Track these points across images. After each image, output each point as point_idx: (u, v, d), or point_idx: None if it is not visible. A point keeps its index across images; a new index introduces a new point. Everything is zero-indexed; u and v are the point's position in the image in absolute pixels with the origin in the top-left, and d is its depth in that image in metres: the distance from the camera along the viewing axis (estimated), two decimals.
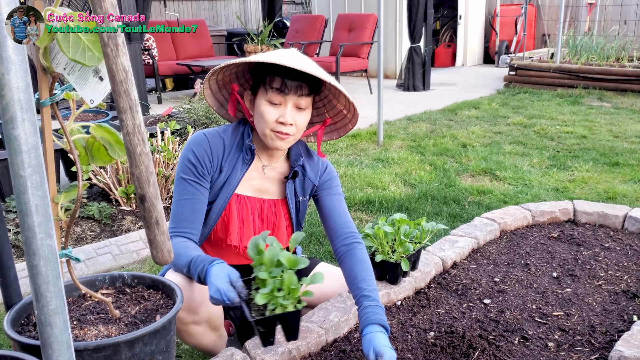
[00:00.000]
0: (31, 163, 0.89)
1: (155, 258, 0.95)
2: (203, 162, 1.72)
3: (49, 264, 0.94)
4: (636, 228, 2.60)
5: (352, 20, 8.63)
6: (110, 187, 3.38)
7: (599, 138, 5.34)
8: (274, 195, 1.85)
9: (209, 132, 1.77)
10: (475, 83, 9.19)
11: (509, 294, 2.06)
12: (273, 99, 1.65)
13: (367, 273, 1.68)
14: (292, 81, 1.62)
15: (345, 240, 1.76)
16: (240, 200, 1.80)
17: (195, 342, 1.73)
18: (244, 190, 1.80)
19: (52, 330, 0.97)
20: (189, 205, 1.71)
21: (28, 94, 0.88)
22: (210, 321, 1.71)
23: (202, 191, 1.73)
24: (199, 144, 1.74)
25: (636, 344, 1.62)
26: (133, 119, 0.85)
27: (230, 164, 1.76)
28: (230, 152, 1.76)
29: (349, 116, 1.83)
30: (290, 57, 1.62)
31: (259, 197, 1.83)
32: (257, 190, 1.83)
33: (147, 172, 0.89)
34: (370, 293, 1.61)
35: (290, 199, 1.84)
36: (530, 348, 1.73)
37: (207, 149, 1.73)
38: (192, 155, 1.72)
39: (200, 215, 1.73)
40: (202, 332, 1.71)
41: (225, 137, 1.77)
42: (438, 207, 3.62)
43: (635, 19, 10.50)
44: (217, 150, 1.74)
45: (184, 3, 10.71)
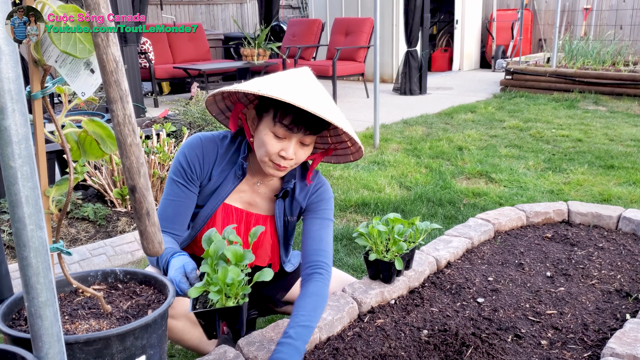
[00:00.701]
0: (21, 154, 0.89)
1: (146, 249, 0.95)
2: (193, 166, 1.70)
3: (39, 256, 0.94)
4: (630, 228, 2.61)
5: (349, 24, 8.66)
6: (105, 188, 3.37)
7: (594, 141, 5.36)
8: (263, 211, 1.81)
9: (205, 137, 1.73)
10: (472, 87, 9.22)
11: (502, 293, 2.06)
12: (279, 132, 1.56)
13: (308, 308, 1.59)
14: (302, 120, 1.53)
15: (308, 269, 1.69)
16: (228, 210, 1.77)
17: (177, 337, 1.72)
18: (233, 200, 1.77)
19: (42, 323, 0.97)
20: (173, 206, 1.70)
21: (18, 85, 0.88)
22: (189, 316, 1.69)
23: (190, 195, 1.72)
24: (192, 148, 1.71)
25: (628, 341, 1.63)
26: (123, 109, 0.86)
27: (222, 174, 1.73)
28: (223, 162, 1.73)
29: (352, 149, 1.76)
30: (307, 95, 1.50)
31: (247, 211, 1.79)
32: (246, 203, 1.79)
33: (138, 163, 0.89)
34: (294, 330, 1.52)
35: (279, 217, 1.80)
36: (523, 346, 1.73)
37: (199, 154, 1.70)
38: (183, 159, 1.70)
39: (184, 218, 1.72)
40: (182, 327, 1.70)
41: (221, 145, 1.73)
42: (433, 209, 3.63)
43: (631, 24, 10.56)
44: (210, 156, 1.71)
45: (180, 6, 10.73)
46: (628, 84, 7.43)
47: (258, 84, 1.51)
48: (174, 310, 1.66)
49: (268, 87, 1.48)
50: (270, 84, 1.51)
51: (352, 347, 1.71)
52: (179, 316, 1.68)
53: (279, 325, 1.75)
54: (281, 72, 1.66)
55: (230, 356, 1.61)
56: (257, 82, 1.54)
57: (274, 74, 1.64)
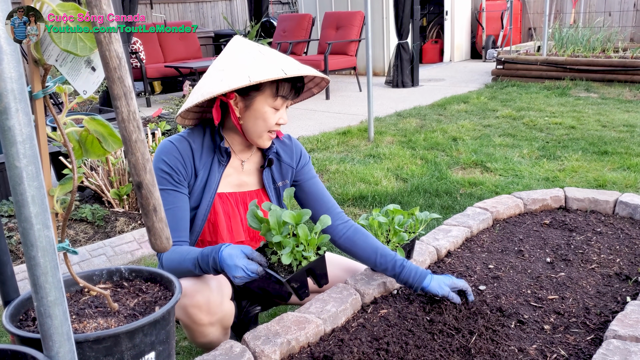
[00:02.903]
0: (26, 154, 0.89)
1: (154, 245, 0.95)
2: (177, 169, 1.70)
3: (47, 255, 0.94)
4: (627, 212, 2.63)
5: (339, 18, 8.65)
6: (102, 189, 3.36)
7: (587, 128, 5.39)
8: (252, 186, 1.86)
9: (174, 139, 1.75)
10: (464, 78, 9.24)
11: (503, 279, 2.08)
12: (278, 105, 1.68)
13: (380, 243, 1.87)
14: (294, 86, 1.69)
15: (342, 218, 1.90)
16: (223, 198, 1.80)
17: (206, 341, 1.73)
18: (223, 188, 1.80)
19: (52, 322, 0.97)
20: (170, 215, 1.68)
21: (21, 84, 0.88)
22: (223, 321, 1.71)
23: (181, 197, 1.72)
24: (168, 152, 1.71)
25: (630, 323, 1.64)
26: (128, 106, 0.86)
27: (206, 166, 1.75)
28: (201, 155, 1.74)
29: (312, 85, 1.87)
30: (285, 62, 1.64)
31: (239, 191, 1.83)
32: (236, 186, 1.83)
33: (144, 159, 0.89)
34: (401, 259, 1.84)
35: (268, 186, 1.86)
36: (526, 331, 1.75)
37: (177, 155, 1.71)
38: (164, 165, 1.70)
39: (184, 222, 1.72)
40: (214, 332, 1.71)
41: (192, 140, 1.75)
42: (430, 200, 3.64)
43: (620, 10, 10.60)
44: (187, 154, 1.73)
45: (170, 5, 10.68)
46: (618, 70, 7.46)
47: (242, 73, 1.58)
48: (216, 316, 1.66)
49: (258, 72, 1.58)
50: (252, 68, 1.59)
51: (357, 338, 1.72)
52: (217, 322, 1.69)
53: (283, 319, 1.75)
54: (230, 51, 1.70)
55: (237, 351, 1.61)
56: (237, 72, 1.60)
57: (226, 57, 1.69)
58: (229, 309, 1.73)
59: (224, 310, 1.70)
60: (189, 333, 1.71)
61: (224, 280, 1.74)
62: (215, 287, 1.67)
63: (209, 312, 1.64)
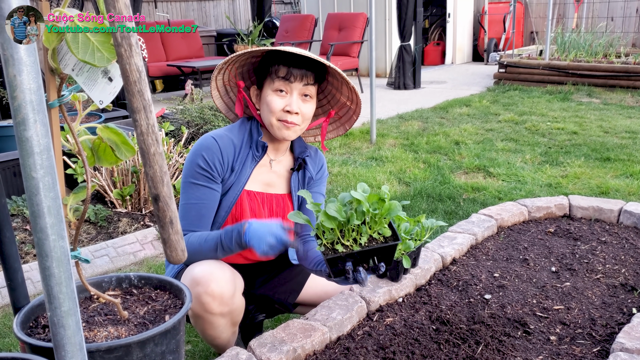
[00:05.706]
0: (43, 164, 0.89)
1: (170, 257, 0.95)
2: (214, 166, 1.73)
3: (62, 266, 0.94)
4: (631, 222, 2.63)
5: (342, 20, 8.64)
6: (105, 189, 3.36)
7: (589, 134, 5.39)
8: (280, 189, 1.89)
9: (217, 135, 1.77)
10: (465, 81, 9.24)
11: (509, 289, 2.08)
12: (279, 86, 1.71)
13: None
14: (297, 69, 1.70)
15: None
16: (251, 195, 1.82)
17: (215, 334, 1.73)
18: (252, 185, 1.82)
19: (65, 332, 0.97)
20: (195, 209, 1.72)
21: (40, 96, 0.87)
22: (233, 314, 1.71)
23: (213, 194, 1.75)
24: (208, 149, 1.74)
25: (637, 335, 1.64)
26: (147, 119, 0.85)
27: (241, 160, 1.78)
28: (240, 150, 1.78)
29: (353, 107, 1.88)
30: (293, 48, 1.71)
31: (267, 192, 1.86)
32: (265, 185, 1.86)
33: (161, 172, 0.89)
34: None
35: (294, 191, 1.89)
36: (532, 342, 1.75)
37: (217, 152, 1.74)
38: (202, 161, 1.73)
39: (206, 220, 1.75)
40: (224, 324, 1.71)
41: (234, 137, 1.79)
42: (433, 205, 3.64)
43: (622, 16, 10.61)
44: (228, 152, 1.76)
45: (173, 4, 10.67)
46: (621, 76, 7.47)
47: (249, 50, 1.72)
48: (228, 307, 1.67)
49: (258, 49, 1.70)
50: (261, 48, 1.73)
51: (363, 347, 1.72)
52: (228, 314, 1.69)
53: (289, 326, 1.75)
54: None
55: (243, 358, 1.61)
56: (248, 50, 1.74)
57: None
58: (240, 303, 1.74)
59: (235, 302, 1.71)
60: (199, 324, 1.70)
61: (237, 274, 1.75)
62: (230, 278, 1.68)
63: (221, 302, 1.65)
